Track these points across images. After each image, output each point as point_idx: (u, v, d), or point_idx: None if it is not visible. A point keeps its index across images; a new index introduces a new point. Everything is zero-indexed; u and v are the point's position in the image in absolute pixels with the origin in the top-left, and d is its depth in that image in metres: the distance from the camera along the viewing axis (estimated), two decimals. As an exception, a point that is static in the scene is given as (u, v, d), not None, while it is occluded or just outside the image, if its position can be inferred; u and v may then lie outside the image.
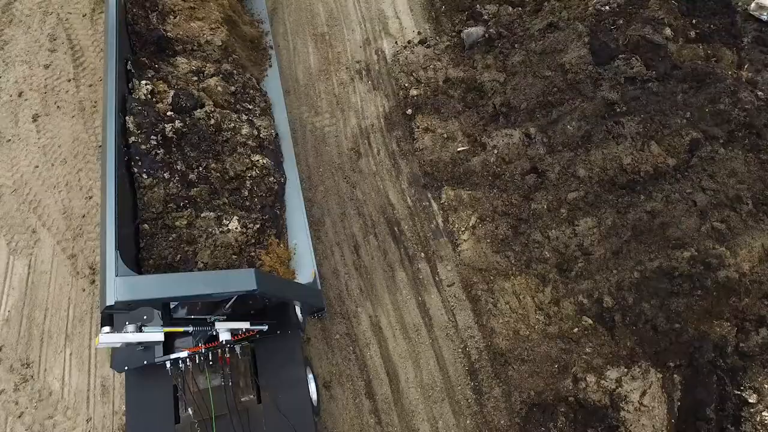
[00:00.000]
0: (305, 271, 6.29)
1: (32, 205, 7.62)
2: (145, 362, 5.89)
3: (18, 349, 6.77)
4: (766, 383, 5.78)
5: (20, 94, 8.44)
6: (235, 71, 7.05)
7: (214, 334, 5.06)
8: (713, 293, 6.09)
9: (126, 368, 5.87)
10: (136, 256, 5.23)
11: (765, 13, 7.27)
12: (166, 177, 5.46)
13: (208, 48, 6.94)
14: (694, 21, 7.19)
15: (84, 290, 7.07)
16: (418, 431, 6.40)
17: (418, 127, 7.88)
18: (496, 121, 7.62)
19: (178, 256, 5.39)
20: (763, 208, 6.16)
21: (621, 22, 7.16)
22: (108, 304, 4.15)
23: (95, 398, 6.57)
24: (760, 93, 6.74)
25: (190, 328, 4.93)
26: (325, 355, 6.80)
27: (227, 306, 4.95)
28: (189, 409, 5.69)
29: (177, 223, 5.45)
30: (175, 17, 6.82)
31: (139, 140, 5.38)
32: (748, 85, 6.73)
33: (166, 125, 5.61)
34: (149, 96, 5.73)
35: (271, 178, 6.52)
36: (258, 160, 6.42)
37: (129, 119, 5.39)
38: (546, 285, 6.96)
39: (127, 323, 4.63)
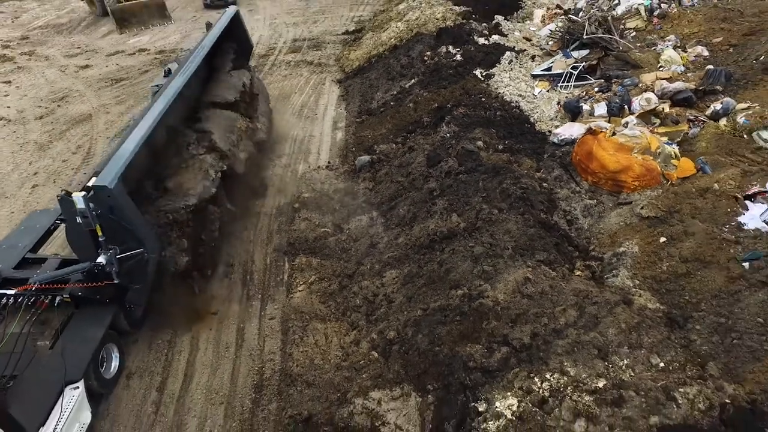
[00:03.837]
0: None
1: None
2: None
3: None
4: (496, 393, 5.76)
5: (35, 174, 11.46)
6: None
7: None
8: (470, 319, 6.54)
9: None
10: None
11: (556, 138, 9.18)
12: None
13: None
14: (507, 141, 9.02)
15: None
16: (186, 425, 6.64)
17: (299, 217, 9.63)
18: (356, 215, 9.25)
19: None
20: (519, 251, 6.91)
21: (453, 141, 9.14)
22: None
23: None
24: (545, 185, 8.07)
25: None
26: (141, 354, 7.54)
27: None
28: None
29: None
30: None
31: None
32: (538, 180, 8.14)
33: None
34: None
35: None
36: None
37: None
38: (353, 329, 7.57)
39: None
